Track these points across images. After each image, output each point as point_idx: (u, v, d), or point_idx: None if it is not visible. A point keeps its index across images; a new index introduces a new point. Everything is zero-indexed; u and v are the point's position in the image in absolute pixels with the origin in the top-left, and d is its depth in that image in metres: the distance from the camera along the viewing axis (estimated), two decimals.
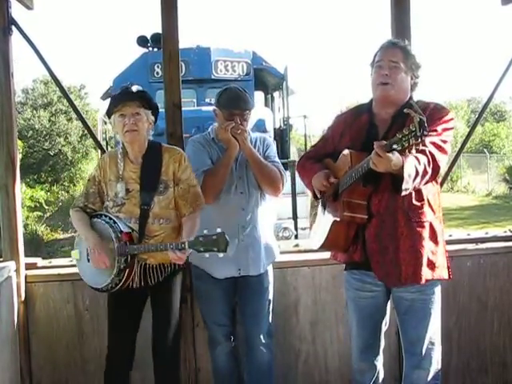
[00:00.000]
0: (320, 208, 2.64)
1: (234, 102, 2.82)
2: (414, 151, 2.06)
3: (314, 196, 2.62)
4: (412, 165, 2.17)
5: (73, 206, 2.78)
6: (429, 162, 2.24)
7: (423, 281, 2.40)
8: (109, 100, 2.76)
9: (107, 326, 2.76)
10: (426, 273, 2.40)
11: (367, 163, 2.19)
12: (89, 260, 2.65)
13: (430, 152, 2.25)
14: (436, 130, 2.33)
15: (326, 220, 2.53)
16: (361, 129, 2.49)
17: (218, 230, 2.42)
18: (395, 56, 2.42)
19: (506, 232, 3.53)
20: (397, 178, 2.20)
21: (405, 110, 2.01)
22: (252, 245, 2.87)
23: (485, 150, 22.68)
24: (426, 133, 1.94)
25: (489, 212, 15.63)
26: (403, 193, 2.21)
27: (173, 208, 2.69)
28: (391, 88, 2.41)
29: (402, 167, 2.12)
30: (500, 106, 33.89)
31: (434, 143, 2.30)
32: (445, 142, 2.35)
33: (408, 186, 2.20)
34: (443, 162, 2.33)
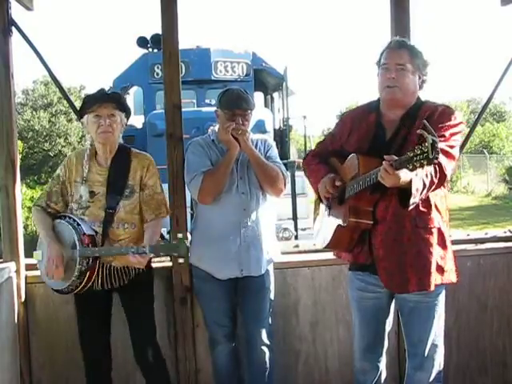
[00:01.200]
0: (323, 208, 2.63)
1: (235, 102, 2.83)
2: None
3: (319, 197, 2.61)
4: (420, 178, 2.15)
5: (35, 203, 2.77)
6: (436, 172, 2.20)
7: (432, 287, 2.37)
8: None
9: (78, 330, 2.79)
10: (434, 279, 2.37)
11: (376, 175, 2.16)
12: None
13: (437, 161, 2.20)
14: (444, 136, 2.29)
15: (330, 222, 2.52)
16: (368, 129, 2.48)
17: (179, 236, 2.43)
18: (402, 58, 2.39)
19: (505, 232, 3.54)
20: (403, 190, 2.18)
21: (418, 131, 1.97)
22: (254, 245, 2.87)
23: (484, 151, 22.67)
24: (437, 156, 1.91)
25: (488, 212, 15.65)
26: (411, 207, 2.20)
27: (137, 213, 2.70)
28: (398, 91, 2.39)
29: (410, 182, 2.11)
30: (500, 106, 33.93)
31: (441, 150, 2.21)
32: (452, 147, 2.31)
33: (415, 200, 2.18)
34: (450, 168, 2.29)
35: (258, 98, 9.38)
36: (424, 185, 2.16)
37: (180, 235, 2.43)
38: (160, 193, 2.74)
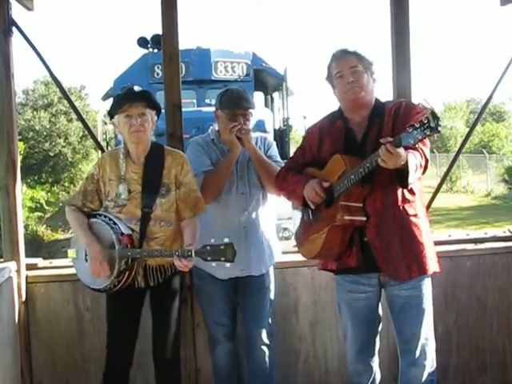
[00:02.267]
0: (302, 214, 2.63)
1: (236, 102, 2.83)
2: None
3: (303, 204, 2.57)
4: (413, 158, 2.23)
5: (69, 203, 2.76)
6: (421, 156, 2.31)
7: (430, 271, 2.45)
8: (110, 101, 2.77)
9: (106, 326, 2.76)
10: (430, 264, 2.44)
11: (370, 163, 2.21)
12: (87, 260, 2.64)
13: (419, 147, 2.29)
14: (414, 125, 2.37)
15: (317, 228, 2.50)
16: (338, 134, 2.52)
17: (226, 240, 2.43)
18: (351, 62, 2.48)
19: (505, 232, 3.54)
20: (399, 172, 2.24)
21: (418, 103, 2.03)
22: (254, 244, 2.88)
23: (484, 151, 22.66)
24: (440, 124, 1.95)
25: (488, 212, 15.64)
26: (410, 186, 2.29)
27: (174, 211, 2.69)
28: (360, 90, 2.45)
29: (406, 161, 2.17)
30: (499, 106, 33.92)
31: None
32: None
33: (413, 178, 2.26)
34: (428, 155, 2.39)
35: (258, 98, 9.40)
36: (416, 166, 2.24)
37: (227, 240, 2.43)
38: (196, 190, 2.72)
